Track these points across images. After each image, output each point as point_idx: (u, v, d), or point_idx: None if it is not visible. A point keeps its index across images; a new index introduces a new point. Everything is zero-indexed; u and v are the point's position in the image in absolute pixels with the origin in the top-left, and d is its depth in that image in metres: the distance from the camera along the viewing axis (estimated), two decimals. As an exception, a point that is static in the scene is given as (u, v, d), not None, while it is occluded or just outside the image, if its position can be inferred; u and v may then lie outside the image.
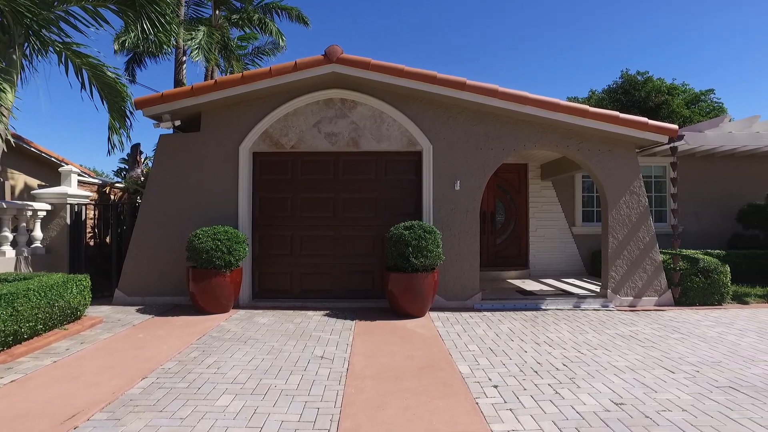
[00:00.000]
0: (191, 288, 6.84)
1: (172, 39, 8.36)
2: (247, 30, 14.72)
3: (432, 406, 3.67)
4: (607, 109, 8.10)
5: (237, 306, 7.37)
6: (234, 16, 14.21)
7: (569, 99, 27.25)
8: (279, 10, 14.51)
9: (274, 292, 7.86)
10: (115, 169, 24.97)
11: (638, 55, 53.82)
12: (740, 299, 7.91)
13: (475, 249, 7.59)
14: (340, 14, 62.34)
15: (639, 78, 27.74)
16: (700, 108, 27.53)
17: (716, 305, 7.59)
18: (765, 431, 3.24)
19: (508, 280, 10.07)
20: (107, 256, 8.43)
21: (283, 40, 14.93)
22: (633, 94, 26.98)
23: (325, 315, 6.89)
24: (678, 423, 3.36)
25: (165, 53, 12.52)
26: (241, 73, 7.59)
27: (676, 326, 6.30)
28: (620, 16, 56.80)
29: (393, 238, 6.76)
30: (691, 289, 7.60)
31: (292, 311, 7.15)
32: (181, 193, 7.71)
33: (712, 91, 28.56)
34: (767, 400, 3.78)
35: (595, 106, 8.08)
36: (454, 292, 7.52)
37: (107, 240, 8.79)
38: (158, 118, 7.74)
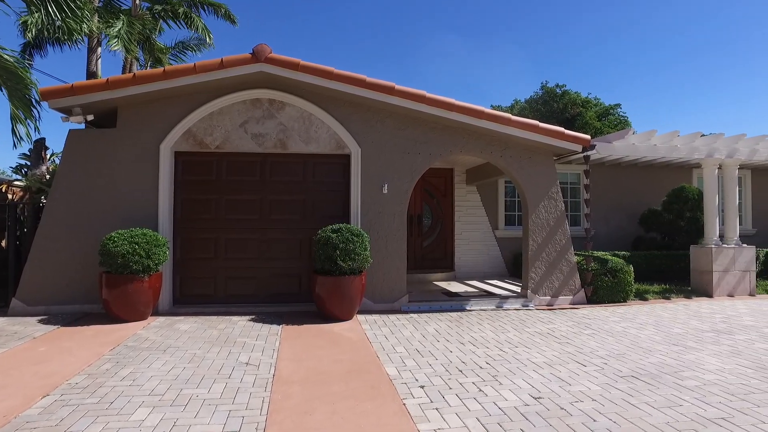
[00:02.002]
0: (105, 295, 6.38)
1: (85, 26, 7.75)
2: (172, 23, 14.01)
3: (360, 409, 3.67)
4: (529, 118, 8.53)
5: (156, 313, 6.97)
6: (157, 7, 13.46)
7: (494, 107, 28.44)
8: (206, 6, 13.96)
9: (197, 297, 7.53)
10: (13, 166, 22.71)
11: (556, 68, 57.43)
12: (641, 296, 8.64)
13: (402, 252, 7.70)
14: (271, 15, 61.11)
15: (557, 90, 29.56)
16: (610, 121, 29.81)
17: (622, 302, 8.24)
18: (657, 412, 3.56)
19: (435, 282, 10.32)
20: (4, 262, 7.65)
21: (209, 36, 14.38)
22: (552, 105, 28.71)
23: (250, 320, 6.69)
24: (588, 412, 3.60)
25: (76, 41, 11.59)
26: (163, 68, 7.22)
27: (588, 323, 6.76)
28: (540, 30, 60.32)
29: (321, 241, 6.71)
30: (601, 288, 8.19)
31: (216, 317, 6.87)
32: (93, 193, 7.18)
33: (619, 105, 31.04)
34: (660, 385, 4.16)
35: (517, 115, 8.49)
36: (381, 295, 7.58)
37: (3, 244, 7.98)
38: (68, 112, 7.17)
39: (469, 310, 7.60)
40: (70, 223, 7.08)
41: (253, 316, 6.91)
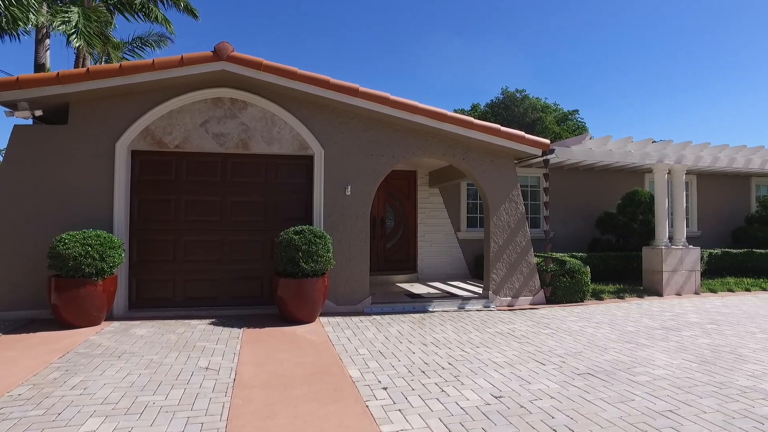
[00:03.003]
0: (54, 299, 6.08)
1: (32, 16, 7.35)
2: (129, 17, 13.53)
3: (323, 412, 3.64)
4: (490, 122, 8.70)
5: (111, 318, 6.71)
6: (112, -1, 12.99)
7: (456, 111, 28.85)
8: (164, -4, 13.55)
9: (154, 301, 7.29)
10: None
11: (517, 74, 58.81)
12: (597, 296, 8.94)
13: (365, 253, 7.70)
14: (235, 12, 59.99)
15: (518, 95, 30.27)
16: (568, 126, 30.79)
17: (579, 302, 8.50)
18: (611, 407, 3.69)
19: (398, 284, 10.36)
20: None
21: (170, 26, 13.93)
22: (513, 110, 29.37)
23: (211, 323, 6.53)
24: (547, 409, 3.69)
25: (21, 32, 10.99)
26: (119, 64, 6.95)
27: (547, 322, 6.94)
28: (500, 36, 61.64)
29: (283, 243, 6.63)
30: (559, 289, 8.42)
31: (174, 321, 6.67)
32: (42, 192, 6.85)
33: (576, 111, 32.09)
34: (614, 381, 4.32)
35: (479, 119, 8.64)
36: (344, 297, 7.55)
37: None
38: (12, 106, 6.82)
39: (432, 312, 7.67)
40: (14, 224, 6.73)
41: (214, 320, 6.75)
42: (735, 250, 11.46)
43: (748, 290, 10.08)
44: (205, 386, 4.16)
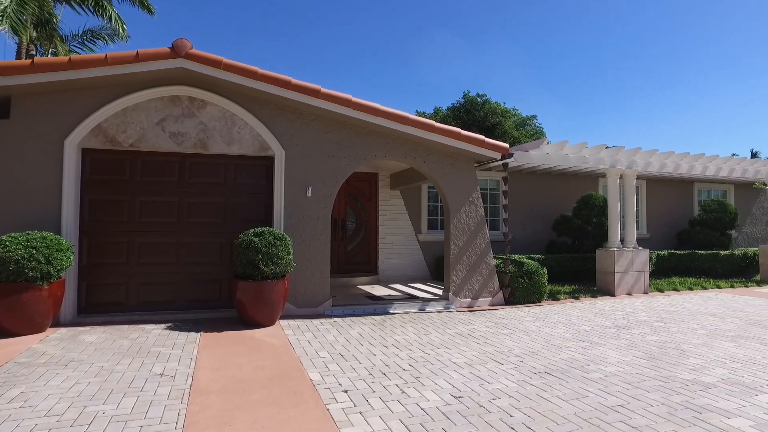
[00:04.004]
0: (-6, 305, 5.74)
1: None
2: (77, 7, 12.94)
3: (282, 416, 3.59)
4: (451, 125, 8.83)
5: (57, 324, 6.39)
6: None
7: (417, 114, 29.15)
8: (118, -10, 13.06)
9: (106, 305, 6.99)
10: None
11: (479, 79, 59.98)
12: (554, 296, 9.21)
13: (326, 256, 7.65)
14: (195, 10, 58.48)
15: (479, 100, 30.84)
16: (527, 131, 31.61)
17: (537, 303, 8.73)
18: (566, 404, 3.81)
19: (359, 286, 10.35)
20: None
21: (123, 25, 13.44)
22: (474, 114, 29.89)
23: (166, 328, 6.33)
24: (505, 408, 3.77)
25: None
26: (68, 57, 6.64)
27: (506, 323, 7.09)
28: (460, 43, 62.71)
29: (242, 245, 6.50)
30: (518, 290, 8.62)
31: (127, 326, 6.43)
32: (-18, 192, 6.46)
33: (534, 116, 33.00)
34: (569, 379, 4.45)
35: (440, 122, 8.75)
36: (305, 300, 7.48)
37: None
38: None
39: (393, 314, 7.69)
40: (-47, 226, 6.32)
41: (170, 324, 6.54)
42: (680, 252, 12.06)
43: (691, 289, 10.63)
44: (159, 393, 4.02)
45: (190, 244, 7.35)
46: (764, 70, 69.66)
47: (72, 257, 6.29)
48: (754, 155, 37.97)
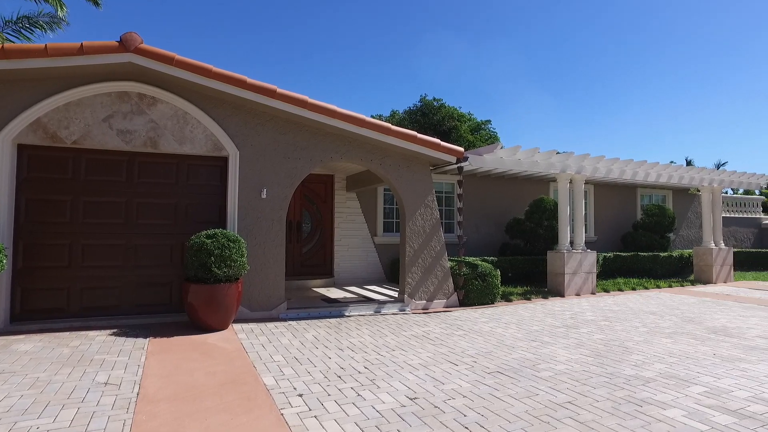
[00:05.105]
0: None
1: None
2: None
3: (235, 423, 3.50)
4: (408, 128, 8.91)
5: (-11, 331, 5.99)
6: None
7: (374, 117, 29.29)
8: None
9: (44, 312, 6.60)
10: None
11: (435, 84, 60.87)
12: (507, 298, 9.44)
13: (281, 258, 7.54)
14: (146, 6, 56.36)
15: (435, 104, 31.28)
16: (481, 135, 32.30)
17: (490, 304, 8.92)
18: (518, 402, 3.91)
19: (314, 289, 10.26)
20: None
21: (63, 10, 12.62)
22: (430, 117, 30.27)
23: (112, 334, 6.05)
24: (459, 408, 3.82)
25: None
26: (1, 45, 6.23)
27: (460, 324, 7.20)
28: (419, 48, 63.48)
29: (194, 247, 6.31)
30: (472, 291, 8.78)
31: (68, 333, 6.10)
32: None
33: (489, 121, 33.80)
34: (521, 378, 4.57)
35: (396, 125, 8.81)
36: (259, 303, 7.34)
37: None
38: None
39: (348, 316, 7.67)
40: None
41: (116, 330, 6.26)
42: (624, 254, 12.65)
43: (634, 289, 11.17)
44: (103, 403, 3.83)
45: (139, 247, 7.06)
46: (695, 82, 74.41)
47: (5, 260, 5.90)
48: (689, 163, 40.41)
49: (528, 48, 68.61)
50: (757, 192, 21.44)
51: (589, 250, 10.61)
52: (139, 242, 7.07)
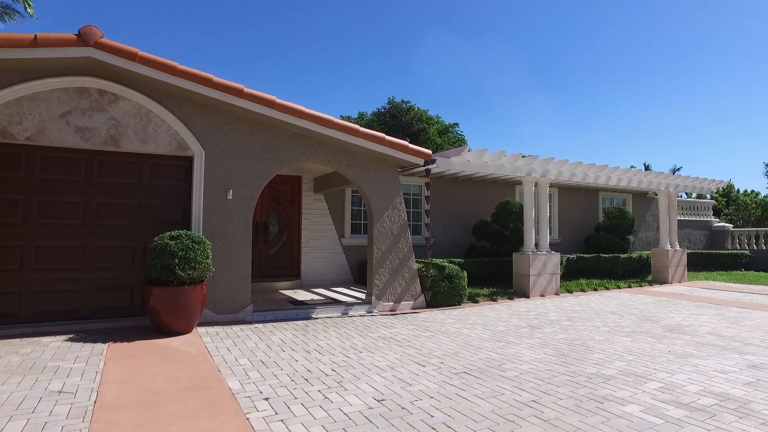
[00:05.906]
0: None
1: None
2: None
3: (199, 428, 3.42)
4: (376, 130, 8.92)
5: (-67, 338, 5.66)
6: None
7: (342, 118, 29.22)
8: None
9: (-6, 316, 6.29)
10: None
11: (402, 87, 61.19)
12: (473, 299, 9.56)
13: (247, 260, 7.42)
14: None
15: (404, 106, 31.45)
16: (449, 138, 32.67)
17: (457, 305, 9.02)
18: (484, 402, 3.97)
19: (281, 291, 10.14)
20: None
21: (31, 8, 12.11)
22: (399, 119, 30.42)
23: (68, 340, 5.82)
24: (427, 409, 3.85)
25: None
26: (-49, 39, 5.92)
27: (427, 325, 7.25)
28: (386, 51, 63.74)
29: (157, 249, 6.14)
30: (439, 293, 8.85)
31: (19, 340, 5.83)
32: None
33: (457, 124, 34.22)
34: (487, 378, 4.64)
35: (365, 127, 8.81)
36: (224, 305, 7.20)
37: None
38: None
39: (315, 318, 7.61)
40: None
41: (72, 336, 6.02)
42: (587, 255, 13.02)
43: (596, 290, 11.51)
44: (56, 413, 3.67)
45: (99, 248, 6.82)
46: (654, 90, 77.40)
47: (-46, 263, 5.60)
48: (647, 168, 41.99)
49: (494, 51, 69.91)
50: (708, 196, 22.46)
51: (553, 252, 10.87)
52: (99, 244, 6.83)
